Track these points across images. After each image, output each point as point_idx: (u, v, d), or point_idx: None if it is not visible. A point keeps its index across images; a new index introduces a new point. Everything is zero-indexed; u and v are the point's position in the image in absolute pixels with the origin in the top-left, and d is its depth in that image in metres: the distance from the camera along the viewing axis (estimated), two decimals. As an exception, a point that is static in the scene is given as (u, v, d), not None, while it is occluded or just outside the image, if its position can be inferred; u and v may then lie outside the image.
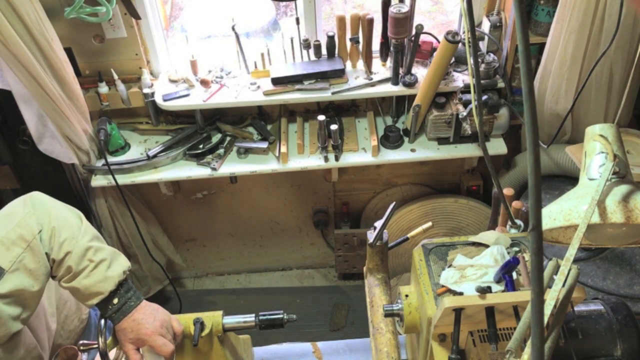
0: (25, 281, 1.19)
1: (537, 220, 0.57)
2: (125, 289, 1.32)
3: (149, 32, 2.26)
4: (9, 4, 1.76)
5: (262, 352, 1.72)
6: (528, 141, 0.55)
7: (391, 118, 2.49)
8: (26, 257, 1.19)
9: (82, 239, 1.28)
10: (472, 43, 1.02)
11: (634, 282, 2.01)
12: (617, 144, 1.08)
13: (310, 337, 1.82)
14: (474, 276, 1.16)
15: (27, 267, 1.19)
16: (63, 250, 1.26)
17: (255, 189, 2.86)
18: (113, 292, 1.30)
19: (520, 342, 0.89)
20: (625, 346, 1.25)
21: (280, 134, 2.38)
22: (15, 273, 1.17)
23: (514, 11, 0.55)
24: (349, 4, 3.41)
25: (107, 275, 1.29)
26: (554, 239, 1.21)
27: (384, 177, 2.85)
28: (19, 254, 1.18)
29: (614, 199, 0.99)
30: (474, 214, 2.77)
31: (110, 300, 1.30)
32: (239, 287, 3.26)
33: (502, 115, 2.29)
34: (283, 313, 1.43)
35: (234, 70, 2.36)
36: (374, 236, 1.41)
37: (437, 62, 2.15)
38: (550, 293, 0.92)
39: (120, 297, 1.31)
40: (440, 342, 1.17)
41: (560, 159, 2.28)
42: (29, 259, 1.20)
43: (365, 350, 1.71)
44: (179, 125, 2.45)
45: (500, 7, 2.20)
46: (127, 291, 1.32)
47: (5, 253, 1.17)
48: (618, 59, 2.07)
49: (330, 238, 3.13)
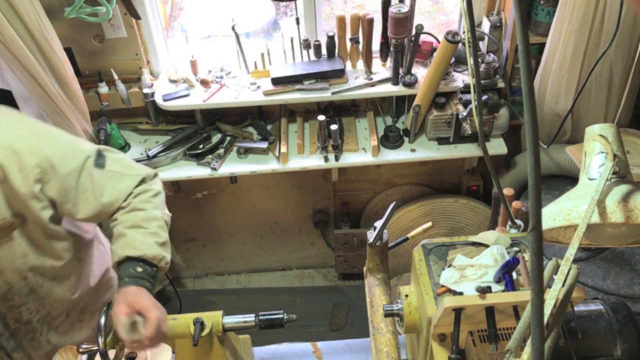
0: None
1: (537, 220, 0.57)
2: (153, 272, 1.37)
3: (149, 32, 2.26)
4: (9, 4, 1.75)
5: (262, 352, 1.72)
6: (528, 141, 0.55)
7: (391, 118, 2.49)
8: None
9: (160, 212, 1.44)
10: (472, 43, 1.02)
11: (634, 282, 2.01)
12: (617, 143, 1.08)
13: (310, 337, 1.82)
14: (474, 276, 1.16)
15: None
16: (142, 204, 1.41)
17: (255, 189, 2.86)
18: (144, 262, 1.35)
19: (520, 342, 0.89)
20: (625, 346, 1.25)
21: (280, 134, 2.38)
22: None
23: (514, 11, 0.55)
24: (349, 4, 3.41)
25: (154, 246, 1.37)
26: (554, 239, 1.21)
27: (384, 177, 2.85)
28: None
29: (613, 199, 0.99)
30: (474, 214, 2.77)
31: (137, 265, 1.34)
32: (239, 287, 3.26)
33: (502, 115, 2.29)
34: (283, 313, 1.43)
35: (234, 70, 2.37)
36: (374, 236, 1.41)
37: (437, 62, 2.15)
38: (550, 293, 0.92)
39: (146, 271, 1.35)
40: (440, 342, 1.17)
41: (560, 159, 2.28)
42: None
43: (365, 350, 1.70)
44: (179, 125, 2.45)
45: (500, 7, 2.20)
46: (153, 276, 1.37)
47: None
48: (618, 59, 2.07)
49: (330, 238, 3.13)
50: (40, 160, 1.30)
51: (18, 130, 1.31)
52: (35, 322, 1.54)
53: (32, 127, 1.36)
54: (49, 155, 1.31)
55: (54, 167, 1.32)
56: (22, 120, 1.38)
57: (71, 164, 1.35)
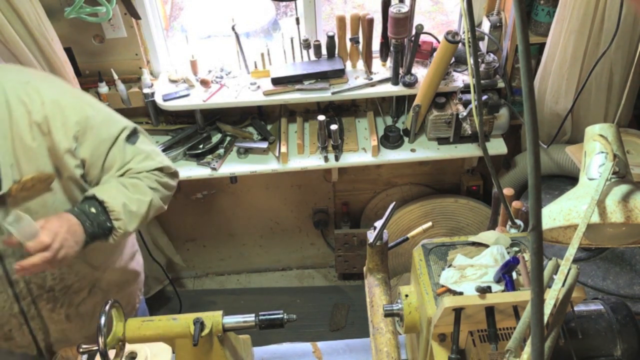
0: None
1: (537, 220, 0.57)
2: (103, 225, 1.40)
3: (149, 32, 2.26)
4: (9, 4, 1.76)
5: (262, 352, 1.72)
6: (528, 141, 0.55)
7: (391, 118, 2.49)
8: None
9: (152, 194, 1.49)
10: (472, 43, 1.02)
11: (634, 282, 2.01)
12: (617, 143, 1.08)
13: (310, 337, 1.82)
14: (473, 276, 1.16)
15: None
16: (145, 179, 1.47)
17: (255, 189, 2.86)
18: (103, 211, 1.39)
19: (520, 342, 0.89)
20: (625, 346, 1.25)
21: (280, 134, 2.38)
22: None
23: (514, 11, 0.55)
24: (349, 4, 3.41)
25: (121, 205, 1.41)
26: (554, 239, 1.21)
27: (384, 177, 2.85)
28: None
29: (613, 199, 0.99)
30: (474, 214, 2.77)
31: (93, 206, 1.39)
32: (239, 287, 3.26)
33: (502, 115, 2.29)
34: (283, 313, 1.43)
35: (234, 70, 2.36)
36: (374, 236, 1.40)
37: (437, 62, 2.15)
38: (550, 293, 0.92)
39: (97, 217, 1.39)
40: (440, 342, 1.17)
41: (560, 159, 2.28)
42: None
43: (365, 350, 1.70)
44: (179, 125, 2.45)
45: (500, 7, 2.20)
46: (100, 227, 1.40)
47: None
48: (618, 59, 2.07)
49: (330, 238, 3.13)
50: (81, 119, 1.38)
51: (65, 90, 1.42)
52: (58, 290, 1.56)
53: (78, 92, 1.48)
54: (89, 116, 1.40)
55: (92, 128, 1.40)
56: (69, 86, 1.50)
57: (108, 131, 1.43)
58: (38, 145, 1.33)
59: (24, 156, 1.32)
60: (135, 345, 1.51)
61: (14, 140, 1.31)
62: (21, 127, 1.31)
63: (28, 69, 1.53)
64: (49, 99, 1.34)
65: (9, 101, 1.31)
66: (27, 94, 1.33)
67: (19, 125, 1.31)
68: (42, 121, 1.32)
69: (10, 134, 1.30)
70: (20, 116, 1.31)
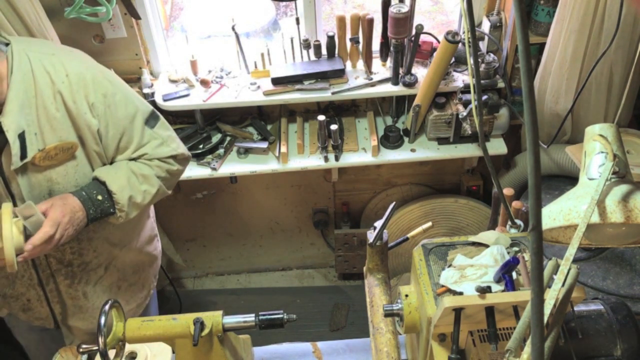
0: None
1: (537, 220, 0.57)
2: (105, 211, 1.45)
3: (149, 32, 2.26)
4: (9, 4, 1.75)
5: (262, 352, 1.72)
6: (528, 141, 0.55)
7: (391, 118, 2.49)
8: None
9: (159, 184, 1.53)
10: (472, 43, 1.02)
11: (634, 282, 2.01)
12: (616, 143, 1.08)
13: (310, 337, 1.82)
14: (473, 276, 1.16)
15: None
16: (155, 168, 1.52)
17: (255, 189, 2.86)
18: (109, 197, 1.45)
19: (519, 342, 0.89)
20: (625, 346, 1.25)
21: (280, 134, 2.38)
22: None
23: (514, 11, 0.55)
24: (349, 4, 3.41)
25: (126, 195, 1.45)
26: (554, 239, 1.21)
27: (384, 177, 2.85)
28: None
29: (613, 199, 0.99)
30: (474, 214, 2.77)
31: (100, 193, 1.43)
32: (239, 287, 3.26)
33: (502, 115, 2.29)
34: (283, 313, 1.43)
35: (234, 70, 2.36)
36: (374, 236, 1.41)
37: (437, 62, 2.15)
38: (550, 293, 0.92)
39: (102, 204, 1.44)
40: (440, 342, 1.17)
41: (560, 159, 2.28)
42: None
43: (365, 350, 1.70)
44: (179, 125, 2.45)
45: (500, 7, 2.20)
46: (103, 213, 1.45)
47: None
48: (618, 59, 2.07)
49: (330, 238, 3.13)
50: (102, 95, 1.42)
51: (89, 65, 1.46)
52: (76, 266, 1.58)
53: (102, 68, 1.51)
54: (110, 93, 1.44)
55: (110, 106, 1.43)
56: (93, 61, 1.53)
57: (126, 111, 1.46)
58: (62, 115, 1.36)
59: (47, 125, 1.35)
60: (135, 345, 1.51)
61: (38, 109, 1.34)
62: (45, 97, 1.34)
63: (53, 43, 1.57)
64: (73, 71, 1.38)
65: (34, 70, 1.34)
66: (52, 64, 1.36)
67: (43, 94, 1.34)
68: (66, 92, 1.36)
69: (35, 102, 1.33)
70: (45, 85, 1.34)
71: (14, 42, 1.38)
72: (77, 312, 1.66)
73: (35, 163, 1.35)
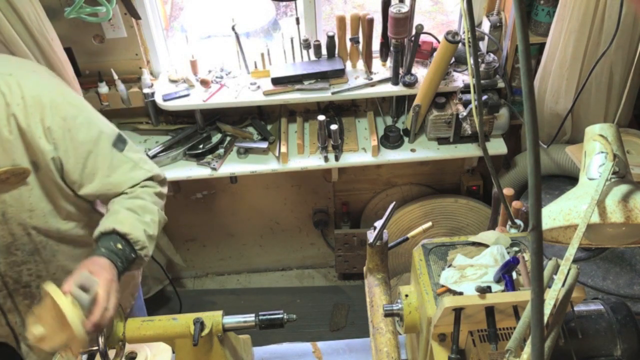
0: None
1: (537, 220, 0.57)
2: (130, 257, 1.37)
3: (149, 32, 2.26)
4: (9, 4, 1.75)
5: (262, 352, 1.72)
6: (528, 141, 0.55)
7: (391, 118, 2.49)
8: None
9: (157, 209, 1.49)
10: (472, 43, 1.02)
11: (634, 282, 2.01)
12: (616, 143, 1.08)
13: (310, 337, 1.82)
14: (473, 276, 1.16)
15: None
16: (145, 195, 1.45)
17: (255, 189, 2.86)
18: (127, 242, 1.35)
19: (519, 342, 0.89)
20: (625, 346, 1.25)
21: (280, 134, 2.38)
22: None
23: (514, 11, 0.55)
24: (349, 4, 3.41)
25: (142, 233, 1.38)
26: (554, 239, 1.21)
27: (384, 177, 2.85)
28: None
29: (613, 199, 0.99)
30: (474, 214, 2.77)
31: (118, 242, 1.35)
32: (239, 287, 3.26)
33: (502, 115, 2.29)
34: (283, 313, 1.43)
35: (234, 70, 2.36)
36: (374, 236, 1.40)
37: (437, 62, 2.15)
38: (550, 293, 0.92)
39: (124, 252, 1.35)
40: (440, 342, 1.17)
41: (560, 159, 2.28)
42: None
43: (365, 350, 1.70)
44: (179, 125, 2.45)
45: (500, 7, 2.20)
46: (129, 261, 1.36)
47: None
48: (618, 59, 2.07)
49: (330, 238, 3.13)
50: (60, 118, 1.34)
51: (49, 87, 1.37)
52: (35, 287, 1.51)
53: (64, 90, 1.41)
54: (70, 116, 1.35)
55: (70, 130, 1.35)
56: (57, 82, 1.44)
57: (89, 133, 1.38)
58: (14, 139, 1.30)
59: (0, 148, 1.29)
60: (135, 345, 1.51)
61: None
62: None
63: (19, 60, 1.48)
64: (29, 93, 1.30)
65: None
66: (7, 85, 1.29)
67: None
68: (20, 115, 1.29)
69: None
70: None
71: None
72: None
73: None
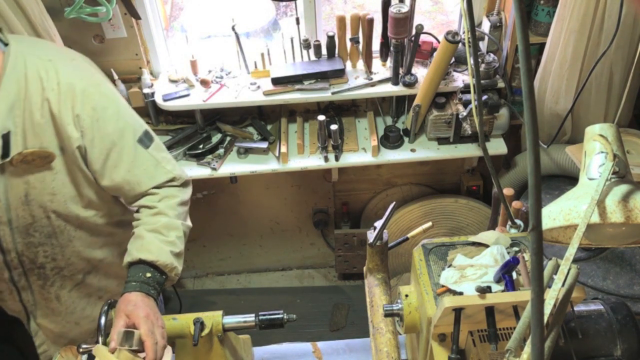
0: None
1: (537, 220, 0.57)
2: (161, 280, 1.40)
3: (149, 32, 2.26)
4: (16, 2, 1.76)
5: (262, 352, 1.72)
6: (528, 141, 0.55)
7: (391, 118, 2.49)
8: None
9: (181, 222, 1.48)
10: (472, 43, 1.02)
11: (634, 282, 2.01)
12: (616, 143, 1.08)
13: (310, 337, 1.82)
14: (473, 276, 1.16)
15: None
16: (168, 209, 1.46)
17: (255, 189, 2.86)
18: (155, 268, 1.38)
19: (519, 342, 0.89)
20: (625, 346, 1.25)
21: (280, 134, 2.38)
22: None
23: (514, 11, 0.55)
24: (349, 4, 3.41)
25: (169, 255, 1.40)
26: (554, 239, 1.21)
27: (384, 177, 2.85)
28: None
29: (613, 199, 0.99)
30: (474, 214, 2.77)
31: (147, 271, 1.37)
32: (239, 287, 3.26)
33: (502, 115, 2.29)
34: (283, 313, 1.43)
35: (234, 70, 2.36)
36: (374, 236, 1.41)
37: (437, 62, 2.15)
38: (550, 293, 0.92)
39: (154, 278, 1.38)
40: (440, 342, 1.17)
41: (560, 159, 2.28)
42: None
43: (365, 350, 1.71)
44: (179, 125, 2.45)
45: (500, 7, 2.20)
46: (160, 284, 1.39)
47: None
48: (618, 59, 2.07)
49: (330, 238, 3.13)
50: (92, 106, 1.37)
51: (84, 76, 1.41)
52: (49, 269, 1.55)
53: (99, 80, 1.45)
54: (100, 106, 1.39)
55: (98, 120, 1.38)
56: (93, 72, 1.48)
57: (116, 126, 1.41)
58: (45, 123, 1.35)
59: (30, 130, 1.34)
60: (135, 345, 1.51)
61: (24, 112, 1.33)
62: (33, 102, 1.33)
63: (60, 48, 1.52)
64: (64, 80, 1.35)
65: (27, 74, 1.33)
66: (46, 70, 1.35)
67: (31, 99, 1.33)
68: (53, 100, 1.34)
69: (23, 105, 1.33)
70: (35, 91, 1.33)
71: (15, 42, 1.37)
72: (49, 313, 1.62)
73: (13, 164, 1.35)
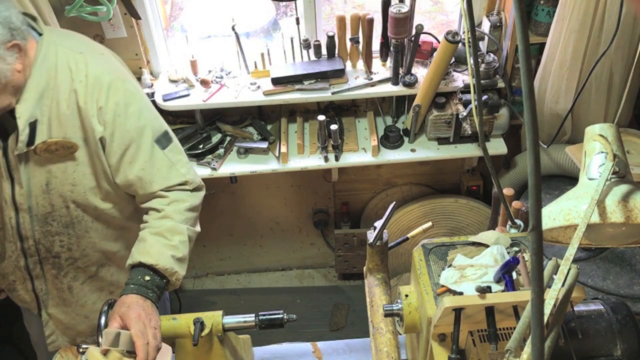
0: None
1: (537, 220, 0.57)
2: (161, 284, 1.40)
3: (149, 32, 2.26)
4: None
5: (262, 352, 1.72)
6: (528, 141, 0.55)
7: (391, 118, 2.49)
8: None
9: (187, 227, 1.47)
10: (472, 43, 1.02)
11: (634, 282, 2.01)
12: (616, 143, 1.08)
13: (310, 337, 1.82)
14: (473, 276, 1.16)
15: None
16: (174, 214, 1.45)
17: (255, 189, 2.86)
18: (155, 272, 1.38)
19: (519, 342, 0.89)
20: (625, 346, 1.25)
21: (280, 134, 2.38)
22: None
23: (514, 11, 0.55)
24: (349, 4, 3.41)
25: (169, 259, 1.40)
26: (554, 239, 1.21)
27: (384, 177, 2.84)
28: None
29: (613, 199, 0.99)
30: (474, 214, 2.77)
31: (146, 274, 1.37)
32: (239, 287, 3.26)
33: (502, 115, 2.29)
34: (283, 313, 1.44)
35: (234, 70, 2.36)
36: (374, 236, 1.41)
37: (437, 62, 2.15)
38: (550, 293, 0.92)
39: (153, 281, 1.38)
40: (440, 342, 1.17)
41: (560, 159, 2.28)
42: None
43: (365, 350, 1.71)
44: (179, 125, 2.45)
45: (500, 7, 2.20)
46: (160, 288, 1.39)
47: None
48: (618, 59, 2.07)
49: (330, 238, 3.13)
50: (116, 101, 1.40)
51: (112, 71, 1.44)
52: (64, 259, 1.57)
53: (125, 76, 1.48)
54: (124, 103, 1.42)
55: (121, 115, 1.41)
56: (120, 68, 1.51)
57: (137, 124, 1.43)
58: (71, 114, 1.38)
59: (56, 120, 1.37)
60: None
61: (52, 101, 1.36)
62: (61, 92, 1.36)
63: (90, 41, 1.55)
64: (92, 73, 1.38)
65: (58, 65, 1.37)
66: (76, 62, 1.38)
67: (60, 89, 1.36)
68: (81, 92, 1.37)
69: (51, 95, 1.36)
70: (64, 81, 1.36)
71: (48, 33, 1.40)
72: (60, 303, 1.64)
73: (37, 152, 1.38)
